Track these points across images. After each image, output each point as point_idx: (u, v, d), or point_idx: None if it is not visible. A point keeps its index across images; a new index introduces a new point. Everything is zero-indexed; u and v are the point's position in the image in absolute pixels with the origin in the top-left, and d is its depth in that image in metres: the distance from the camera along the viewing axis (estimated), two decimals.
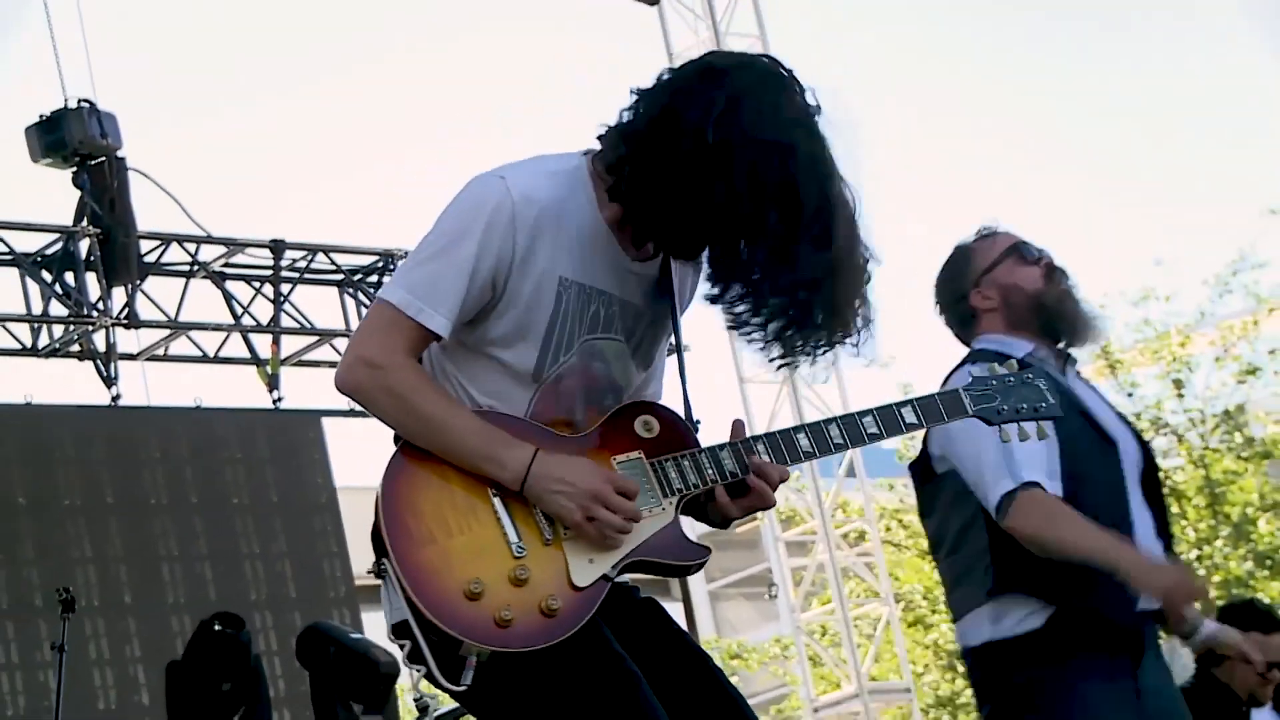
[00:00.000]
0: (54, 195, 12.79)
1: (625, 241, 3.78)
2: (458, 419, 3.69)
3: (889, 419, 3.91)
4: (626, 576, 3.81)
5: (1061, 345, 5.43)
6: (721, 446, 3.81)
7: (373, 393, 3.71)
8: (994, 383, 4.09)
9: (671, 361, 4.01)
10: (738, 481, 3.78)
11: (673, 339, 3.99)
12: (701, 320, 3.83)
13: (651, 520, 3.73)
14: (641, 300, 3.85)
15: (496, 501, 3.67)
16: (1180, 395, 21.06)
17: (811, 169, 3.59)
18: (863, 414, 3.91)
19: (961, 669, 21.48)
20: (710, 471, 3.77)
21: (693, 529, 3.88)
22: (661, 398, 4.02)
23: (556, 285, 3.71)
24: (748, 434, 3.87)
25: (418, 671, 3.66)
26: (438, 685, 3.66)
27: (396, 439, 3.77)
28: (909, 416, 3.94)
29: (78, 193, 12.34)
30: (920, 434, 4.97)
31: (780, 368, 3.83)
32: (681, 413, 3.91)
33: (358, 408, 3.97)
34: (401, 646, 3.67)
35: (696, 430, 3.88)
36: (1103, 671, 5.16)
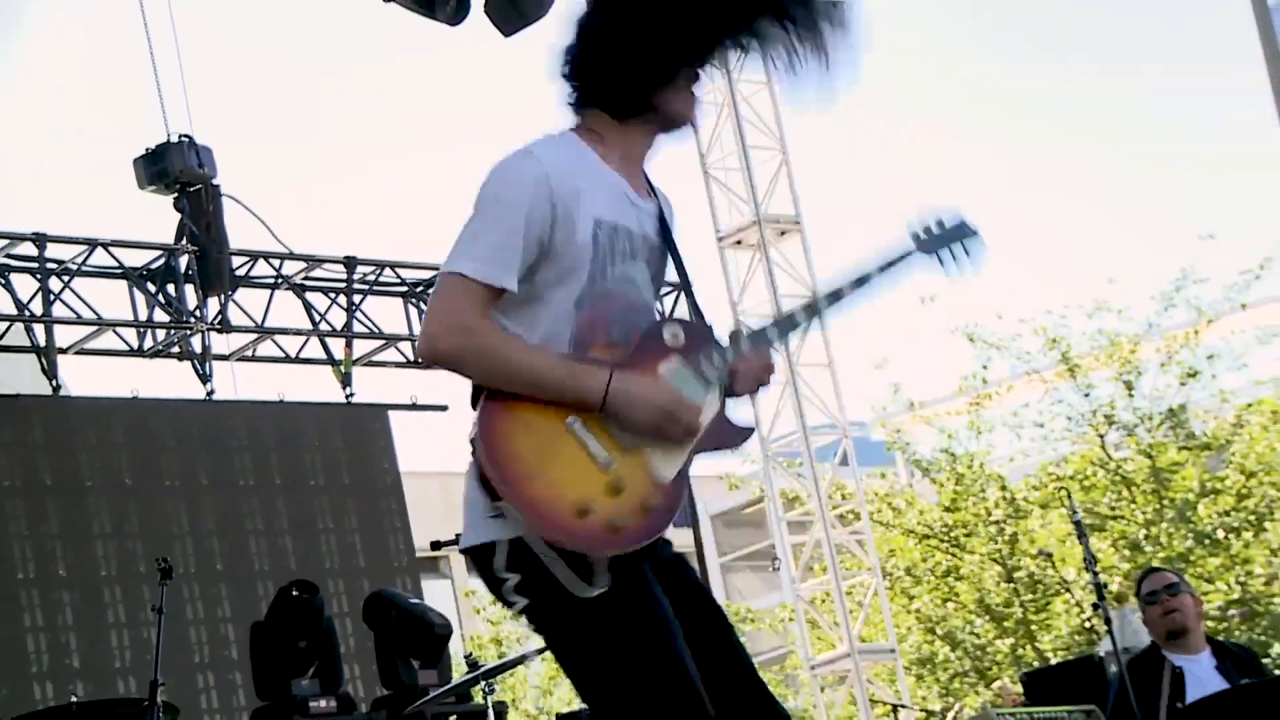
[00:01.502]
0: (157, 217, 12.78)
1: (636, 185, 3.83)
2: (539, 360, 3.64)
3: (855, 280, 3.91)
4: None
5: None
6: (735, 335, 3.83)
7: (468, 355, 3.63)
8: (933, 236, 4.00)
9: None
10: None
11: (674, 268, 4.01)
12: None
13: (705, 411, 3.74)
14: (652, 231, 3.86)
15: (576, 427, 3.62)
16: (1130, 395, 20.92)
17: None
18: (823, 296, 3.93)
19: (940, 632, 21.42)
20: (722, 360, 3.78)
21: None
22: None
23: (593, 226, 3.69)
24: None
25: (517, 602, 3.64)
26: (543, 613, 3.65)
27: (474, 401, 3.70)
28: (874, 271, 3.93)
29: (178, 215, 12.35)
30: None
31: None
32: (692, 319, 3.94)
33: (421, 401, 3.93)
34: (508, 578, 3.62)
35: (711, 329, 3.88)
36: None
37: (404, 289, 13.86)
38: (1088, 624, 19.25)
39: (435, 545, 8.95)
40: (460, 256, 3.64)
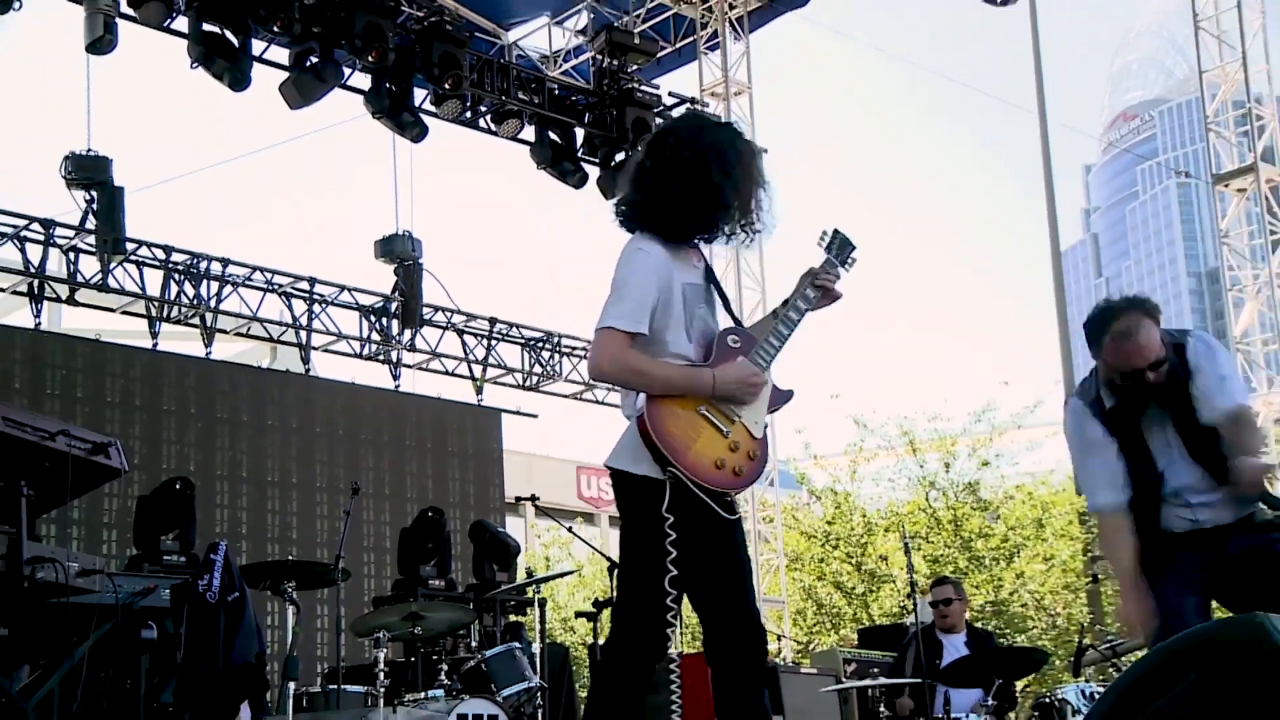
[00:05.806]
0: (381, 275, 12.76)
1: (692, 256, 3.72)
2: (671, 371, 3.55)
3: (801, 300, 3.78)
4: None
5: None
6: (766, 337, 3.71)
7: (622, 372, 3.53)
8: (835, 245, 3.85)
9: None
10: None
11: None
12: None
13: (767, 387, 3.68)
14: (704, 283, 3.72)
15: (704, 411, 3.55)
16: (947, 471, 20.72)
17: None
18: (787, 308, 3.77)
19: (811, 598, 21.20)
20: (771, 350, 3.68)
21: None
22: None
23: (681, 287, 3.62)
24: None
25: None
26: (637, 517, 3.52)
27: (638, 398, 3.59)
28: (811, 293, 3.78)
29: (395, 277, 12.41)
30: None
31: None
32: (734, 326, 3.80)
33: (523, 410, 3.89)
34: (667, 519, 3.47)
35: (751, 332, 3.76)
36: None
37: (523, 341, 13.89)
38: (901, 605, 19.04)
39: (517, 499, 8.95)
40: (609, 316, 3.54)
